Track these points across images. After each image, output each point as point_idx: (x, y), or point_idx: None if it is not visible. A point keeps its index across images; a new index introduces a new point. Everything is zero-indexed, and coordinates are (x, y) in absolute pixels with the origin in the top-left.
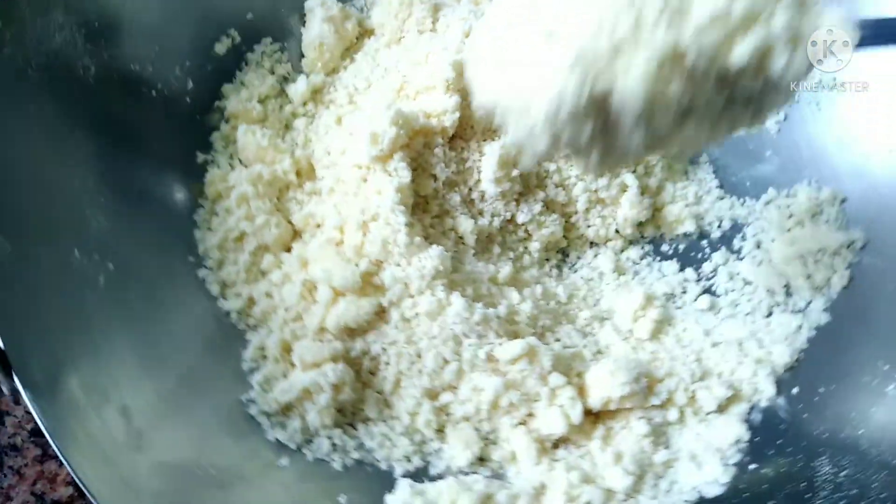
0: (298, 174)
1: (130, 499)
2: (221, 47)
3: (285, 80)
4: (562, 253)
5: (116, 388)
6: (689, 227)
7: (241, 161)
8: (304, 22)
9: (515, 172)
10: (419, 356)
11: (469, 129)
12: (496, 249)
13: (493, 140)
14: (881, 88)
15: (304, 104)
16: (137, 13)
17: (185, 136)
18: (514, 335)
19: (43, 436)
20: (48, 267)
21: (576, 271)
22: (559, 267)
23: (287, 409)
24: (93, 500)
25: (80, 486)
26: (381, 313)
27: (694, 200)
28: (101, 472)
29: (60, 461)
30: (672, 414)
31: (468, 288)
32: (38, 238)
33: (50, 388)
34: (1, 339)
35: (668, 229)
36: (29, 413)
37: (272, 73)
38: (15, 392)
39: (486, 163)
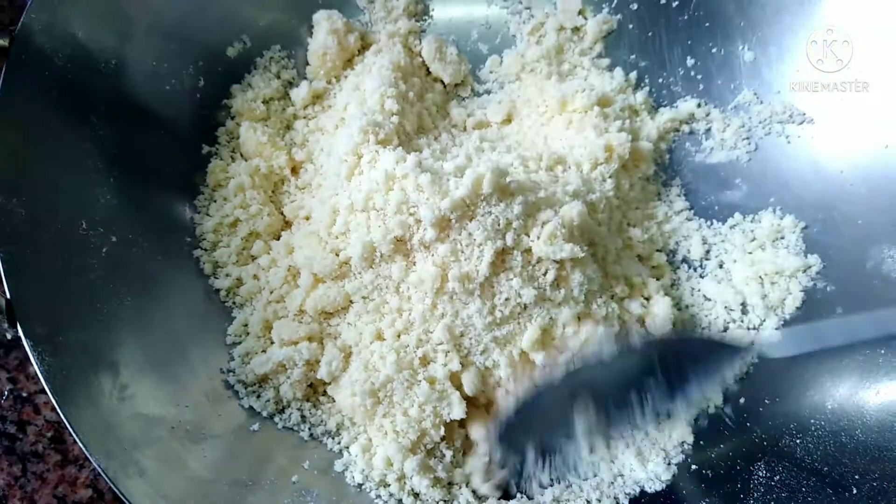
0: (293, 170)
1: (111, 442)
2: (233, 51)
3: (290, 84)
4: None
5: (109, 346)
6: (656, 244)
7: (241, 155)
8: (312, 32)
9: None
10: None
11: None
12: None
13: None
14: (846, 128)
15: (305, 107)
16: (158, 13)
17: (194, 128)
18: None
19: (63, 442)
20: (57, 234)
21: None
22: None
23: (263, 381)
24: (77, 440)
25: (68, 427)
26: None
27: (663, 219)
28: (86, 415)
29: (80, 465)
30: None
31: None
32: (50, 207)
33: (50, 339)
34: (9, 291)
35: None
36: (49, 422)
37: (278, 77)
38: (17, 339)
39: None
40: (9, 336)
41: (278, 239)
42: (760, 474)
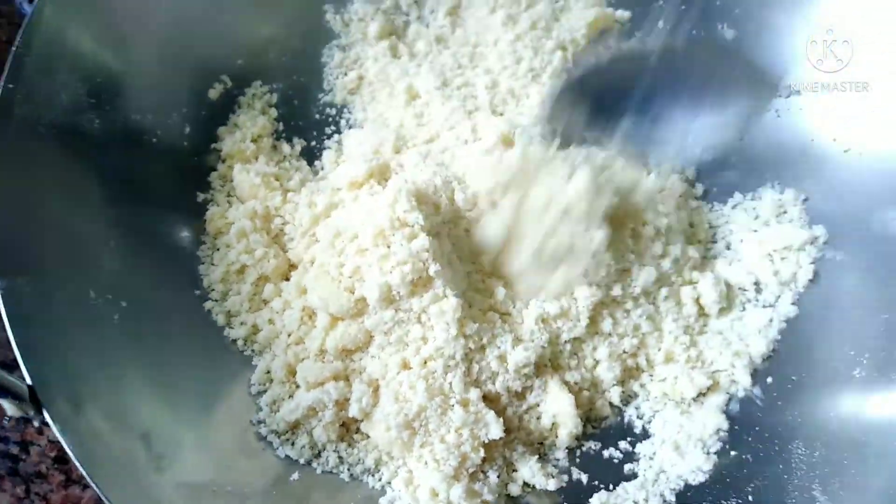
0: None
1: None
2: (214, 93)
3: (276, 120)
4: None
5: (136, 415)
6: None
7: (237, 198)
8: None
9: None
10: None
11: None
12: None
13: None
14: (832, 97)
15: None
16: (136, 68)
17: (186, 177)
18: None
19: (66, 462)
20: (66, 307)
21: None
22: None
23: (295, 427)
24: None
25: None
26: None
27: None
28: (127, 493)
29: (84, 486)
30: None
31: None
32: (56, 280)
33: (75, 419)
34: (29, 376)
35: None
36: (52, 442)
37: (263, 113)
38: (43, 424)
39: None
40: (36, 423)
41: (288, 280)
42: (800, 452)
